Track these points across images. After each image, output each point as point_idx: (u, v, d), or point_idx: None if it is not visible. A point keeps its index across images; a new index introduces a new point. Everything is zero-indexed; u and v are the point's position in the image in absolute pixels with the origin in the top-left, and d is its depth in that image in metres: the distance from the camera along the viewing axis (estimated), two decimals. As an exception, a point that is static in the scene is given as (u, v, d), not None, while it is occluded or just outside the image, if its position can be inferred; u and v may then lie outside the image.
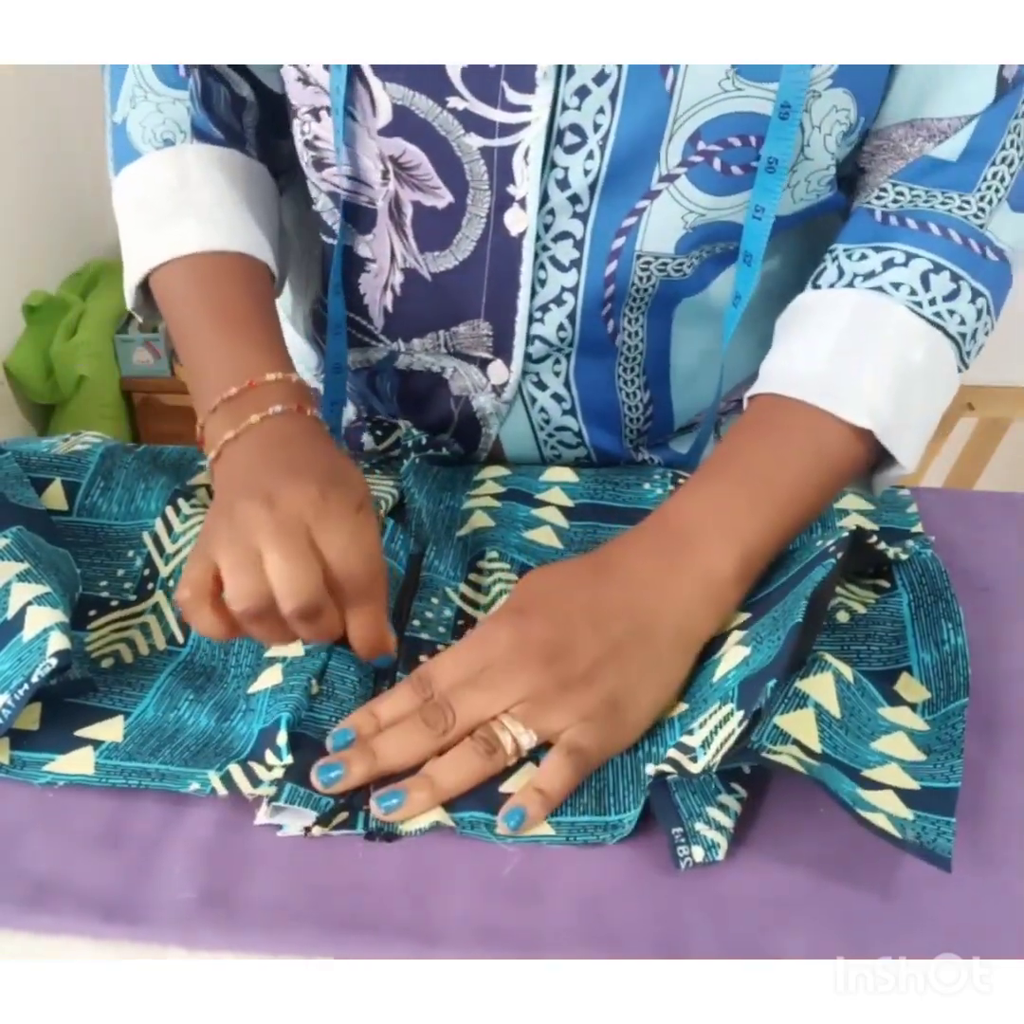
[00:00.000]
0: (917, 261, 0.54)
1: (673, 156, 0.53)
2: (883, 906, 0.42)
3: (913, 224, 0.55)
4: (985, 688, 0.51)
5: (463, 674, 0.47)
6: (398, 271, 0.62)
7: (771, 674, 0.43)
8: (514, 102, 0.52)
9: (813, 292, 0.57)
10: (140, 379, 1.79)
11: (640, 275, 0.58)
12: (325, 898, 0.42)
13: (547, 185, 0.55)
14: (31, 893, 0.42)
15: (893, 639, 0.51)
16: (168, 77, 0.61)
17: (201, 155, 0.61)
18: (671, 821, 0.43)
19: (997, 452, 1.49)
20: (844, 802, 0.41)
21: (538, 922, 0.41)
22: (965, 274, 0.54)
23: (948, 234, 0.54)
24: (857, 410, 0.52)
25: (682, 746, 0.44)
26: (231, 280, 0.58)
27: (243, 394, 0.53)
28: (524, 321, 0.60)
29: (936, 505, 0.62)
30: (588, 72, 0.51)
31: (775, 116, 0.51)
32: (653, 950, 0.40)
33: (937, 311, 0.54)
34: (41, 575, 0.51)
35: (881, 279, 0.54)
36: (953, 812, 0.42)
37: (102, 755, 0.46)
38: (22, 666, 0.46)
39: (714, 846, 0.42)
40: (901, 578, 0.53)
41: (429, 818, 0.44)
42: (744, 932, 0.41)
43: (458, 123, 0.53)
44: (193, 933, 0.41)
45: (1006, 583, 0.57)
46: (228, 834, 0.44)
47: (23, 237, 1.70)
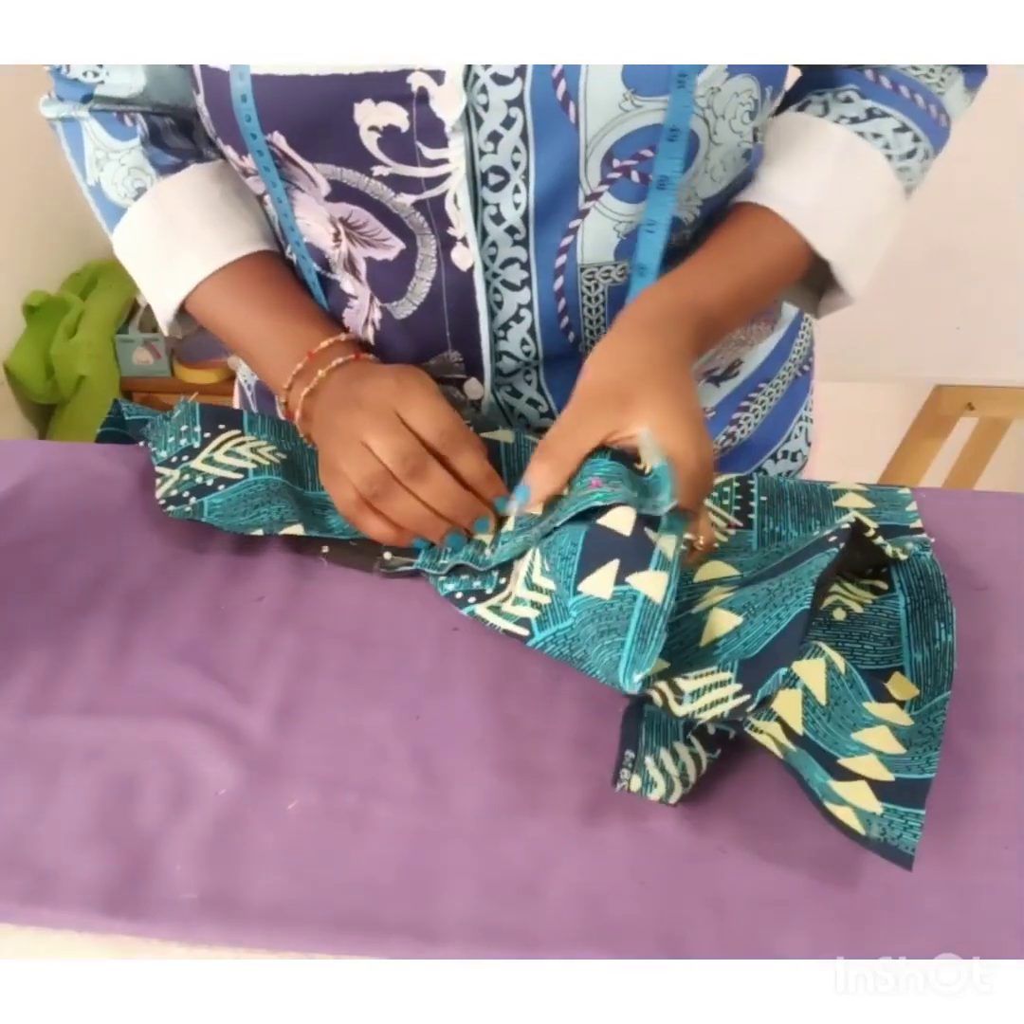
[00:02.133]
0: (890, 119, 0.61)
1: (593, 177, 0.56)
2: (883, 906, 0.42)
3: (887, 83, 0.61)
4: (984, 687, 0.51)
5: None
6: (376, 308, 0.65)
7: (780, 661, 0.44)
8: (431, 158, 0.55)
9: (803, 115, 0.62)
10: (140, 379, 1.79)
11: (587, 284, 0.61)
12: (325, 897, 0.42)
13: (483, 222, 0.58)
14: (32, 887, 0.42)
15: (888, 640, 0.51)
16: (118, 132, 0.66)
17: (172, 187, 0.66)
18: (628, 744, 0.45)
19: (997, 452, 1.49)
20: (813, 794, 0.41)
21: (538, 921, 0.41)
22: (923, 136, 0.62)
23: (915, 98, 0.62)
24: (829, 246, 0.60)
25: (673, 685, 0.45)
26: (249, 281, 0.65)
27: (307, 366, 0.62)
28: (488, 343, 0.63)
29: (936, 505, 0.62)
30: (495, 119, 0.54)
31: (664, 139, 0.54)
32: (653, 950, 0.40)
33: (900, 167, 0.61)
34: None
35: (864, 126, 0.61)
36: (923, 804, 0.42)
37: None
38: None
39: (651, 783, 0.44)
40: (899, 580, 0.54)
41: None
42: (744, 932, 0.41)
43: (387, 187, 0.56)
44: (193, 930, 0.41)
45: (1005, 583, 0.57)
46: (229, 832, 0.44)
47: (23, 237, 1.70)
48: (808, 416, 0.80)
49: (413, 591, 0.57)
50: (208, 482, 0.61)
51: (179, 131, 0.68)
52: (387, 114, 0.53)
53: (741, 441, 0.74)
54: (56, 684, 0.51)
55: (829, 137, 0.61)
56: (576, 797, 0.46)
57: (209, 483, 0.60)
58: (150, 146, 0.66)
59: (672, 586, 0.47)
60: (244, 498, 0.60)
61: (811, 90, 0.63)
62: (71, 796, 0.46)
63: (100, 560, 0.59)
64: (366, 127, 0.54)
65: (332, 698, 0.51)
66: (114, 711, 0.50)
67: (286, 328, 0.64)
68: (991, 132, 1.07)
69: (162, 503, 0.60)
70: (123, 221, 0.67)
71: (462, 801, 0.46)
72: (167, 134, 0.67)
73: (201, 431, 0.64)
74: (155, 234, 0.66)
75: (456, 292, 0.61)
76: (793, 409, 0.78)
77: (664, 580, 0.47)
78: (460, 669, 0.52)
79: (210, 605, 0.56)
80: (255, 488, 0.60)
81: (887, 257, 0.62)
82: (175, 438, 0.64)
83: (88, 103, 0.66)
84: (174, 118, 0.67)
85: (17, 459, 0.67)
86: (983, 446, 1.48)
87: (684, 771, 0.45)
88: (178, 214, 0.66)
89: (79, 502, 0.63)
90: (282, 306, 0.65)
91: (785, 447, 0.78)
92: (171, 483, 0.61)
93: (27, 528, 0.61)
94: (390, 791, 0.46)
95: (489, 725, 0.49)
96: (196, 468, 0.62)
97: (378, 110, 0.53)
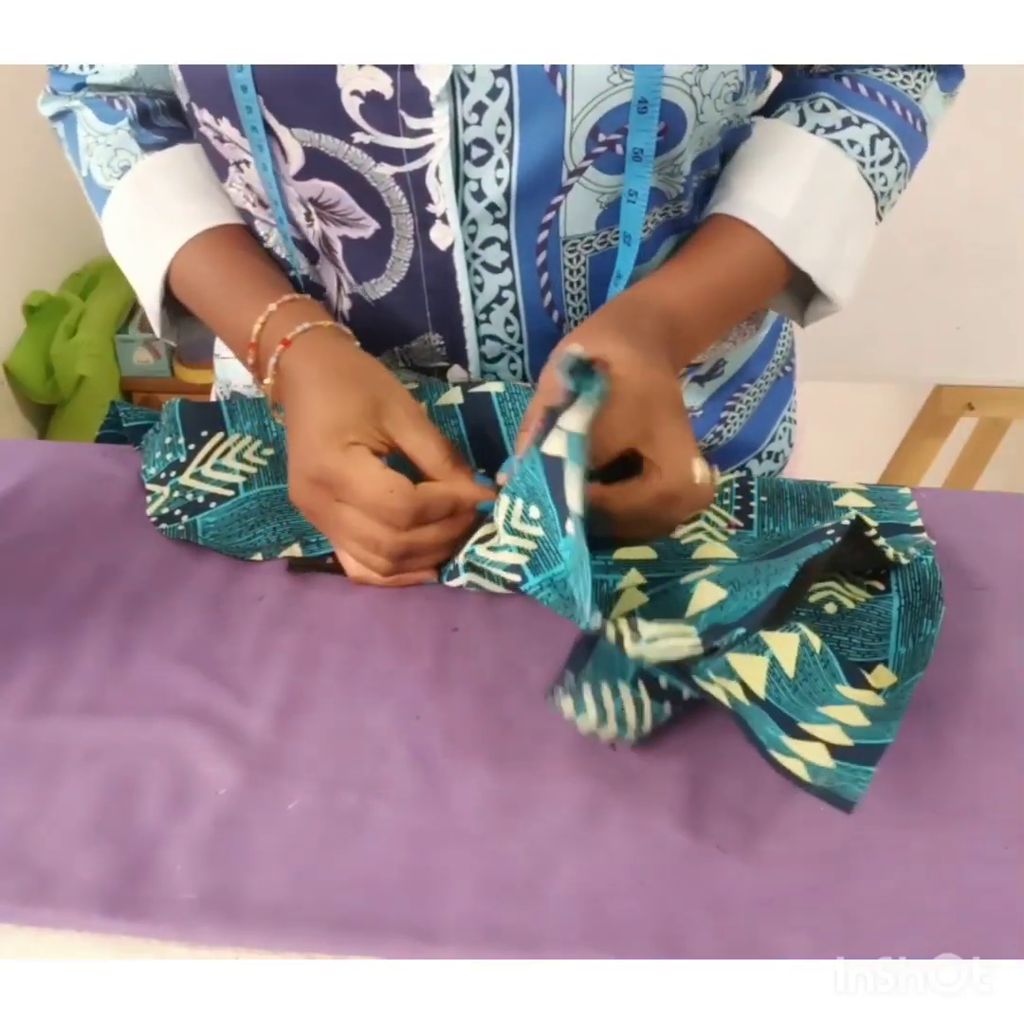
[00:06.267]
0: (868, 127, 0.61)
1: (577, 152, 0.55)
2: (883, 906, 0.42)
3: (864, 91, 0.62)
4: (983, 687, 0.51)
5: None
6: (345, 298, 0.64)
7: (742, 624, 0.44)
8: (414, 128, 0.54)
9: (778, 122, 0.62)
10: (140, 379, 1.79)
11: (569, 257, 0.60)
12: (325, 897, 0.42)
13: (464, 199, 0.57)
14: (33, 887, 0.42)
15: (876, 636, 0.52)
16: (107, 115, 0.66)
17: (153, 163, 0.65)
18: (571, 667, 0.46)
19: (997, 452, 1.49)
20: (758, 741, 0.42)
21: (538, 921, 0.41)
22: (900, 143, 0.62)
23: (892, 105, 0.62)
24: (807, 258, 0.60)
25: (633, 624, 0.45)
26: (227, 248, 0.63)
27: (265, 329, 0.58)
28: (471, 325, 0.62)
29: (936, 505, 0.62)
30: (481, 89, 0.53)
31: (634, 110, 0.53)
32: (653, 949, 0.40)
33: (873, 172, 0.62)
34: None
35: (840, 135, 0.61)
36: (875, 763, 0.42)
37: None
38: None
39: (583, 711, 0.45)
40: (897, 583, 0.54)
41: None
42: (744, 932, 0.41)
43: (367, 156, 0.55)
44: (193, 930, 0.41)
45: (1005, 583, 0.57)
46: (229, 832, 0.44)
47: (23, 237, 1.70)
48: (791, 417, 0.81)
49: (413, 591, 0.57)
50: (199, 499, 0.61)
51: (170, 113, 0.67)
52: (371, 79, 0.52)
53: (728, 440, 0.74)
54: (56, 684, 0.51)
55: (805, 147, 0.61)
56: (576, 797, 0.46)
57: (200, 500, 0.61)
58: (138, 126, 0.66)
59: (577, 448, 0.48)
60: (238, 517, 0.60)
61: (788, 99, 0.63)
62: (71, 796, 0.46)
63: (100, 560, 0.59)
64: (348, 91, 0.53)
65: (332, 698, 0.51)
66: (114, 711, 0.50)
67: (254, 291, 0.60)
68: (991, 132, 1.07)
69: (154, 521, 0.60)
70: (108, 202, 0.66)
71: (462, 801, 0.46)
72: (157, 115, 0.67)
73: (185, 443, 0.63)
74: (136, 210, 0.65)
75: (435, 273, 0.60)
76: (777, 409, 0.78)
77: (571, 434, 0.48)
78: (460, 669, 0.52)
79: (210, 605, 0.56)
80: (247, 507, 0.61)
81: (887, 257, 0.63)
82: (161, 453, 0.64)
83: (80, 91, 0.67)
84: (166, 100, 0.67)
85: (17, 459, 0.67)
86: (983, 446, 1.48)
87: (622, 711, 0.45)
88: (158, 188, 0.65)
89: (79, 502, 0.63)
90: (252, 272, 0.62)
91: (769, 447, 0.78)
92: (161, 500, 0.61)
93: (27, 528, 0.61)
94: (390, 791, 0.46)
95: (489, 725, 0.49)
96: (185, 484, 0.62)
97: (361, 74, 0.52)
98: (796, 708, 0.44)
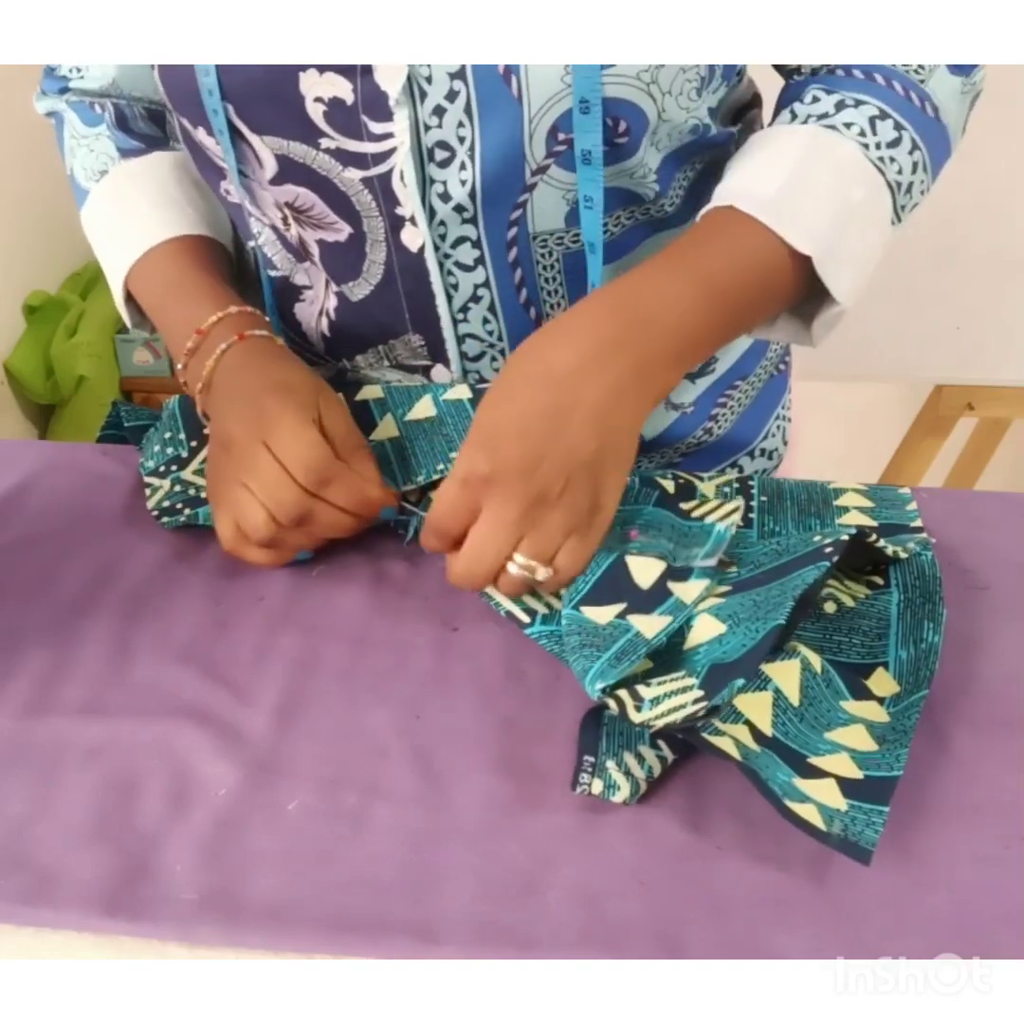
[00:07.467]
0: (865, 107, 0.56)
1: (538, 151, 0.55)
2: (883, 906, 0.42)
3: (859, 74, 0.58)
4: (983, 687, 0.51)
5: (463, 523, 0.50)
6: (332, 295, 0.65)
7: (740, 672, 0.44)
8: (377, 132, 0.55)
9: (770, 127, 0.59)
10: (140, 379, 1.79)
11: (541, 252, 0.60)
12: (325, 897, 0.42)
13: (431, 201, 0.58)
14: (33, 887, 0.42)
15: (876, 635, 0.52)
16: (88, 118, 0.69)
17: (128, 169, 0.68)
18: (587, 749, 0.46)
19: (997, 452, 1.49)
20: (772, 793, 0.42)
21: (538, 921, 0.41)
22: (907, 124, 0.57)
23: (892, 85, 0.57)
24: (801, 236, 0.53)
25: (634, 692, 0.45)
26: (176, 261, 0.64)
27: (198, 345, 0.60)
28: (450, 325, 0.63)
29: (936, 505, 0.62)
30: (438, 92, 0.54)
31: (576, 111, 0.53)
32: (653, 950, 0.40)
33: (881, 156, 0.56)
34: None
35: (834, 119, 0.57)
36: (888, 801, 0.42)
37: None
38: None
39: (614, 786, 0.44)
40: (896, 578, 0.54)
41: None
42: (744, 932, 0.41)
43: (335, 161, 0.56)
44: (193, 931, 0.41)
45: (1005, 583, 0.57)
46: (229, 833, 0.44)
47: (23, 237, 1.70)
48: (786, 415, 0.80)
49: (413, 591, 0.57)
50: (201, 494, 0.61)
51: (149, 120, 0.70)
52: (332, 85, 0.53)
53: (719, 436, 0.74)
54: (56, 684, 0.51)
55: (795, 135, 0.57)
56: (576, 797, 0.46)
57: (202, 495, 0.61)
58: (115, 130, 0.68)
59: (673, 626, 0.47)
60: None
61: (784, 107, 0.61)
62: (71, 796, 0.46)
63: (100, 560, 0.59)
64: (311, 98, 0.54)
65: (332, 698, 0.51)
66: (114, 711, 0.50)
67: (189, 305, 0.62)
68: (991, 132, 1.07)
69: (155, 514, 0.60)
70: (86, 203, 0.69)
71: (462, 801, 0.46)
72: (135, 121, 0.69)
73: (187, 439, 0.64)
74: (108, 215, 0.68)
75: (410, 274, 0.61)
76: (770, 407, 0.78)
77: (664, 623, 0.47)
78: (460, 669, 0.52)
79: (210, 605, 0.56)
80: None
81: (887, 257, 0.62)
82: (160, 447, 0.64)
83: (65, 95, 0.69)
84: (144, 107, 0.69)
85: (17, 459, 0.67)
86: (983, 446, 1.48)
87: (651, 773, 0.45)
88: (128, 195, 0.67)
89: (79, 502, 0.63)
90: (196, 286, 0.63)
91: (763, 445, 0.78)
92: (162, 493, 0.62)
93: (27, 528, 0.61)
94: (390, 791, 0.46)
95: (489, 725, 0.49)
96: (188, 480, 0.62)
97: (323, 80, 0.53)
98: (804, 740, 0.45)
